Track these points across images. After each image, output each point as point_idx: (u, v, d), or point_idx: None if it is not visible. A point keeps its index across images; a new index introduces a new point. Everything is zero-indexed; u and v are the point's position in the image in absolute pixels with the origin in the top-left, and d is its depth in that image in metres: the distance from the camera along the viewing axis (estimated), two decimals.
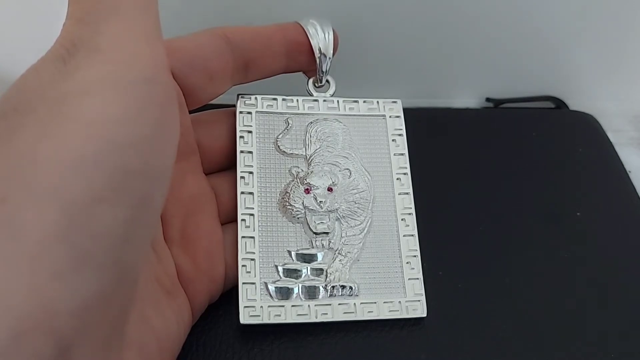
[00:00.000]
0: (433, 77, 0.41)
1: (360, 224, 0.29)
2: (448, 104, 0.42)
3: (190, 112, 0.28)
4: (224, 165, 0.30)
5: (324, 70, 0.30)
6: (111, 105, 0.18)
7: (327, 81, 0.31)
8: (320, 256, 0.28)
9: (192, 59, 0.26)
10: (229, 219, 0.29)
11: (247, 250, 0.27)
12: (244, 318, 0.26)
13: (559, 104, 0.42)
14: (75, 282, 0.16)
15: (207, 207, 0.28)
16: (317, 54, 0.29)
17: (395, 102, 0.31)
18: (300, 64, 0.30)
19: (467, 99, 0.42)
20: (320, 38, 0.29)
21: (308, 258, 0.28)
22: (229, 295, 0.28)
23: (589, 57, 0.41)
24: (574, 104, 0.42)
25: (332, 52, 0.29)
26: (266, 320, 0.26)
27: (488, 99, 0.42)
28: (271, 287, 0.27)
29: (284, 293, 0.27)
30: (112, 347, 0.19)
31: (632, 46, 0.40)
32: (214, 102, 0.29)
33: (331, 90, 0.31)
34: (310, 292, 0.27)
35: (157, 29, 0.21)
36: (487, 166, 0.36)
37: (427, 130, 0.36)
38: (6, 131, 0.18)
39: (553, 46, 0.40)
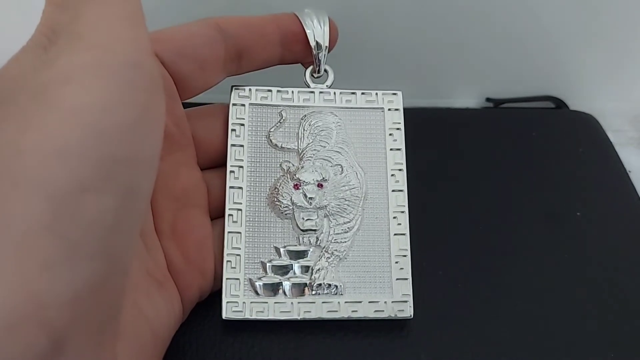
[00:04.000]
0: (433, 77, 0.39)
1: (349, 222, 0.26)
2: (448, 104, 0.40)
3: (186, 105, 0.26)
4: (220, 159, 0.27)
5: (320, 59, 0.27)
6: (94, 92, 0.17)
7: (326, 71, 0.28)
8: (307, 253, 0.26)
9: (182, 48, 0.24)
10: (219, 214, 0.27)
11: (233, 246, 0.25)
12: (227, 313, 0.25)
13: (559, 104, 0.40)
14: (65, 272, 0.15)
15: (198, 200, 0.26)
16: (312, 43, 0.27)
17: (395, 93, 0.29)
18: (296, 55, 0.27)
19: (467, 99, 0.40)
20: (316, 28, 0.27)
21: (295, 255, 0.26)
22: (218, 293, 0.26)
23: (589, 57, 0.39)
24: (574, 104, 0.40)
25: (328, 42, 0.27)
26: (248, 316, 0.25)
27: (488, 99, 0.41)
28: (257, 284, 0.25)
29: (270, 289, 0.25)
30: (106, 337, 0.18)
31: (633, 46, 0.38)
32: (216, 101, 0.28)
33: (329, 81, 0.29)
34: (296, 290, 0.25)
35: (139, 12, 0.19)
36: (487, 166, 0.34)
37: (427, 130, 0.34)
38: None
39: (553, 46, 0.38)
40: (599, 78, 0.39)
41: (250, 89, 0.27)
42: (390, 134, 0.28)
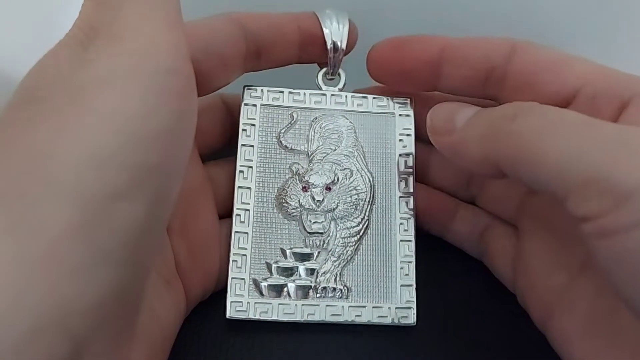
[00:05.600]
0: None
1: (356, 226, 0.26)
2: None
3: None
4: (216, 150, 0.27)
5: (334, 62, 0.27)
6: (132, 98, 0.17)
7: (338, 74, 0.28)
8: (313, 256, 0.26)
9: (206, 45, 0.24)
10: (225, 212, 0.27)
11: (240, 246, 0.25)
12: (231, 312, 0.25)
13: None
14: (92, 279, 0.15)
15: (205, 198, 0.26)
16: (328, 45, 0.26)
17: (406, 100, 0.28)
18: (313, 56, 0.27)
19: None
20: (334, 30, 0.26)
21: (300, 257, 0.26)
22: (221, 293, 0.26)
23: (589, 57, 0.37)
24: None
25: (345, 44, 0.27)
26: (252, 316, 0.25)
27: None
28: (262, 284, 0.25)
29: (275, 291, 0.25)
30: (123, 340, 0.18)
31: (633, 47, 0.37)
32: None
33: (340, 84, 0.28)
34: (300, 292, 0.25)
35: (178, 14, 0.19)
36: None
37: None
38: (24, 121, 0.16)
39: (553, 46, 0.36)
40: None
41: (262, 90, 0.27)
42: (400, 140, 0.28)
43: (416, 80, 0.26)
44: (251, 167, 0.26)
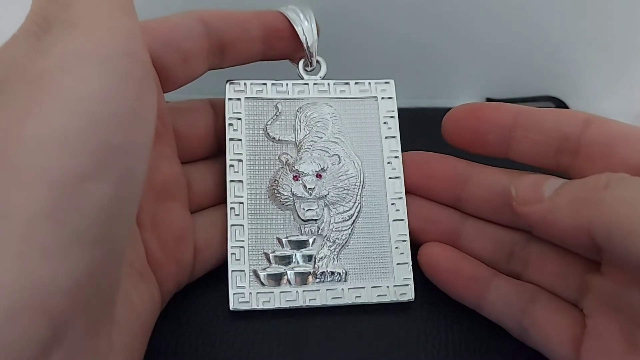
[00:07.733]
0: (433, 77, 0.38)
1: (348, 210, 0.27)
2: (448, 104, 0.39)
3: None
4: (202, 154, 0.28)
5: (311, 52, 0.28)
6: (91, 81, 0.17)
7: (318, 62, 0.29)
8: (309, 243, 0.26)
9: (165, 39, 0.24)
10: (199, 208, 0.27)
11: (237, 239, 0.26)
12: (234, 304, 0.25)
13: (559, 104, 0.39)
14: (66, 260, 0.16)
15: (179, 194, 0.26)
16: (302, 38, 0.27)
17: (388, 82, 0.29)
18: (278, 52, 0.28)
19: (467, 99, 0.39)
20: (304, 23, 0.27)
21: (297, 245, 0.26)
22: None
23: (589, 57, 0.38)
24: (574, 104, 0.39)
25: (316, 35, 0.28)
26: (255, 306, 0.25)
27: (488, 99, 0.40)
28: (262, 274, 0.26)
29: (274, 279, 0.26)
30: (103, 325, 0.18)
31: (633, 46, 0.38)
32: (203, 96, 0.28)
33: (322, 72, 0.29)
34: (300, 279, 0.26)
35: (130, 1, 0.20)
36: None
37: (427, 130, 0.34)
38: None
39: (553, 46, 0.37)
40: (599, 78, 0.39)
41: (245, 83, 0.28)
42: (384, 122, 0.28)
43: (488, 143, 0.26)
44: (241, 160, 0.27)
